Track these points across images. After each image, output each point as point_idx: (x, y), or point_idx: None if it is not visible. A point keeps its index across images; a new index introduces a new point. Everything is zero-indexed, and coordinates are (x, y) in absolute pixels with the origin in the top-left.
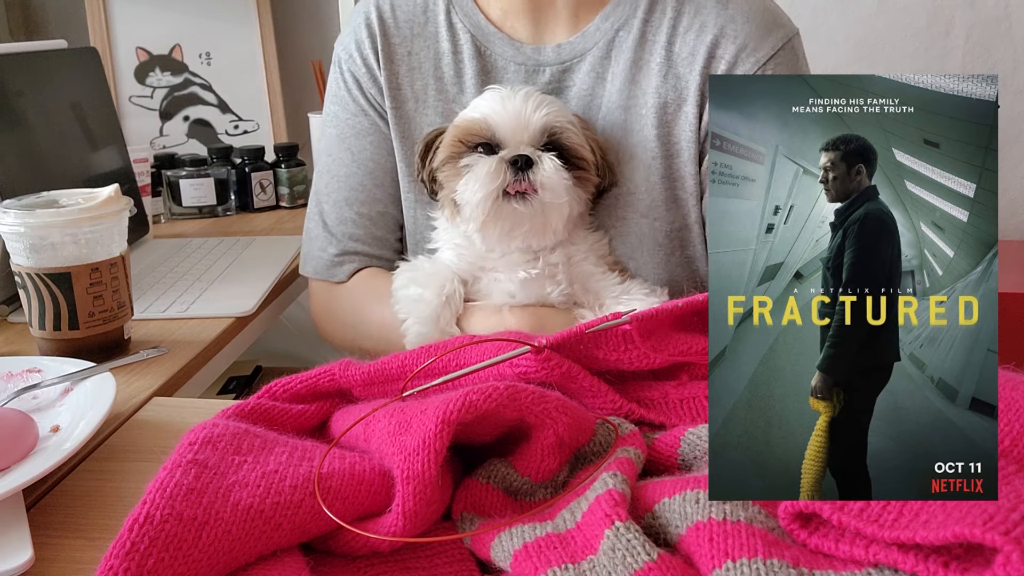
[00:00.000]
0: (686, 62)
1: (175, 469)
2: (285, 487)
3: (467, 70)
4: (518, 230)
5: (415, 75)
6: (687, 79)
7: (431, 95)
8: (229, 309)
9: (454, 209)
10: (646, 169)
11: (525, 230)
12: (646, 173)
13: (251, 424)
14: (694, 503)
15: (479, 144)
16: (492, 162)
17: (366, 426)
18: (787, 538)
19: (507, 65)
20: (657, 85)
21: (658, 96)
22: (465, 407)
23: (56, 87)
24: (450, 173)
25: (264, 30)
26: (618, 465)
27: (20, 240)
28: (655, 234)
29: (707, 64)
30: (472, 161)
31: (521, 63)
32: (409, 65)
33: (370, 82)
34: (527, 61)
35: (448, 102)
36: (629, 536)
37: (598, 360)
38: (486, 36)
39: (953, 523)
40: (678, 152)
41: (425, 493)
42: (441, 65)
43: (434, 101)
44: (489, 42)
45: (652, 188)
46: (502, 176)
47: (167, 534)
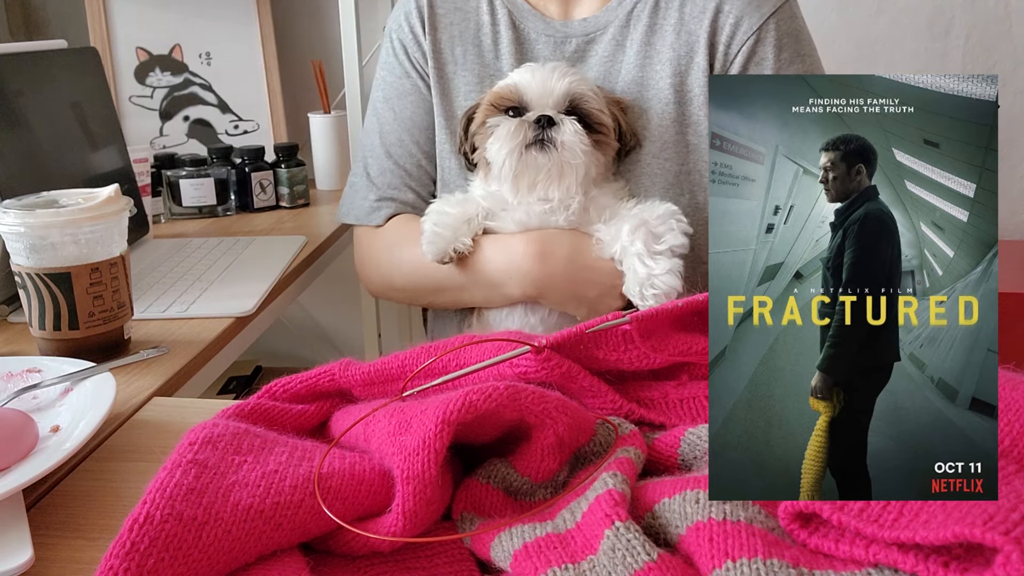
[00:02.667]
0: (696, 19)
1: (175, 469)
2: (285, 487)
3: (503, 40)
4: (540, 180)
5: (455, 42)
6: (697, 34)
7: (470, 59)
8: (229, 309)
9: (487, 168)
10: (659, 115)
11: (543, 179)
12: (659, 119)
13: (251, 424)
14: (694, 503)
15: (509, 108)
16: (516, 121)
17: (366, 426)
18: (787, 538)
19: (538, 37)
20: (672, 42)
21: (672, 51)
22: (465, 407)
23: (56, 87)
24: (483, 136)
25: (264, 30)
26: (618, 465)
27: (20, 240)
28: (665, 174)
29: (715, 18)
30: (500, 122)
31: (550, 35)
32: (451, 34)
33: (415, 47)
34: (555, 34)
35: (485, 66)
36: (629, 536)
37: (598, 360)
38: (520, 12)
39: (953, 523)
40: (691, 99)
41: (425, 493)
42: (480, 35)
43: (472, 64)
44: (523, 17)
45: (664, 131)
46: (523, 133)
47: (167, 534)
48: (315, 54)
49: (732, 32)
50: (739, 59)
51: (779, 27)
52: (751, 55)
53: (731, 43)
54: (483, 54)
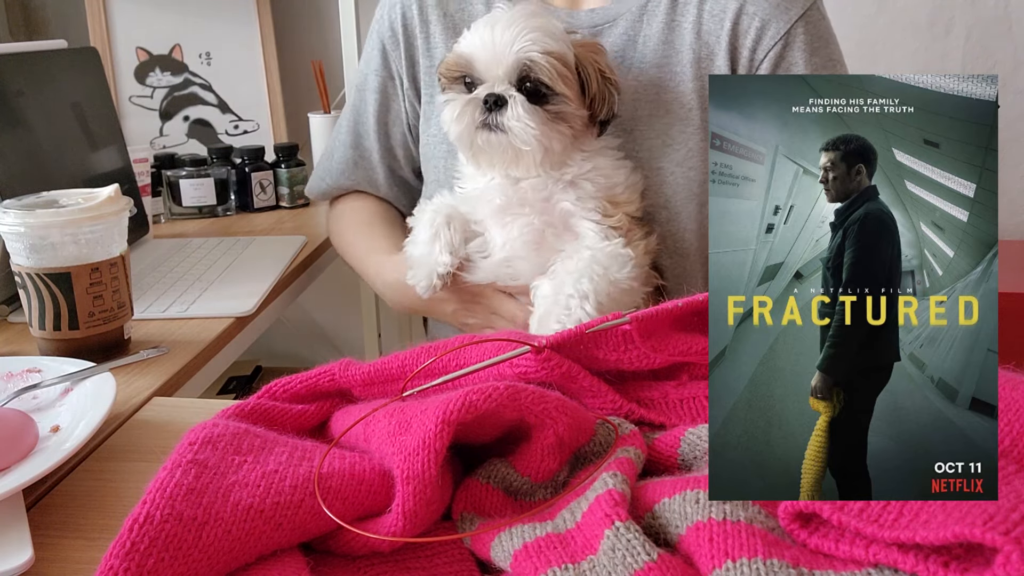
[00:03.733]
0: (717, 19)
1: (175, 469)
2: (285, 487)
3: None
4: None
5: (449, 35)
6: (718, 35)
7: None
8: (229, 309)
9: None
10: (682, 121)
11: (498, 160)
12: (682, 125)
13: (251, 424)
14: (694, 503)
15: (463, 77)
16: (463, 101)
17: (366, 426)
18: (787, 538)
19: None
20: (691, 42)
21: (692, 52)
22: (465, 407)
23: (56, 87)
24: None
25: (264, 30)
26: (618, 465)
27: (20, 240)
28: (690, 184)
29: (737, 20)
30: (453, 97)
31: None
32: (444, 25)
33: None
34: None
35: None
36: (629, 536)
37: (598, 360)
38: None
39: (953, 523)
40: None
41: (425, 493)
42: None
43: None
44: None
45: (688, 138)
46: (470, 115)
47: (167, 534)
48: (315, 54)
49: (758, 36)
50: (766, 65)
51: (808, 30)
52: (779, 60)
53: (757, 48)
54: None
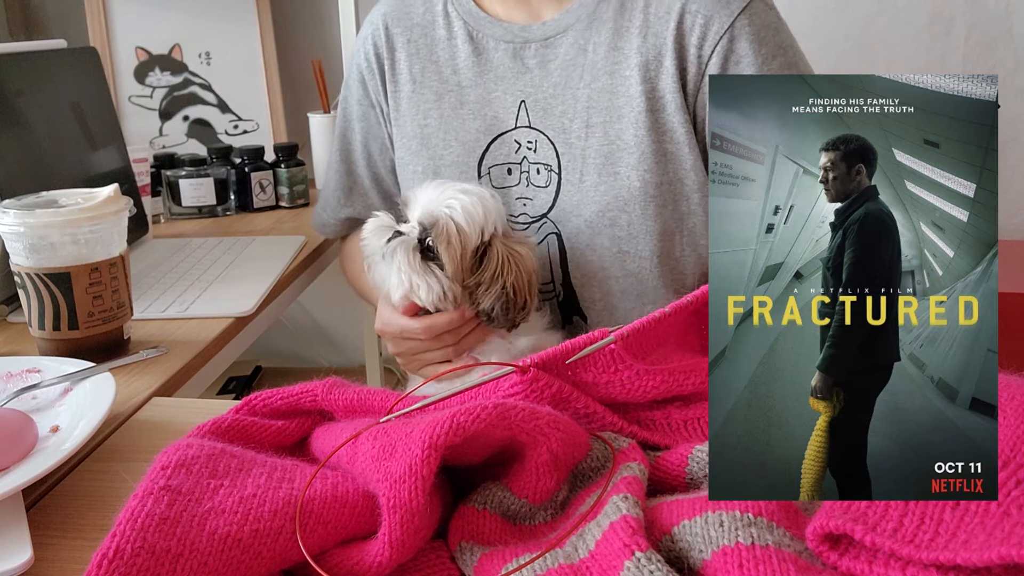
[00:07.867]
0: (662, 21)
1: (146, 497)
2: (264, 512)
3: (460, 53)
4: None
5: (413, 60)
6: (664, 36)
7: (429, 76)
8: (229, 309)
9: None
10: (634, 125)
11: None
12: (634, 129)
13: (228, 443)
14: (718, 526)
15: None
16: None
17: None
18: (817, 561)
19: (496, 45)
20: (638, 46)
21: (640, 55)
22: (453, 429)
23: (56, 87)
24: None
25: (264, 30)
26: (626, 486)
27: (20, 240)
28: (646, 187)
29: (680, 19)
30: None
31: (509, 42)
32: (408, 52)
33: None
34: (514, 39)
35: (443, 82)
36: (652, 568)
37: (588, 386)
38: (477, 22)
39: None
40: (663, 105)
41: (412, 522)
42: (437, 51)
43: (431, 81)
44: (480, 27)
45: (641, 141)
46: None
47: (139, 569)
48: (315, 54)
49: (703, 33)
50: (715, 60)
51: (753, 21)
52: (728, 54)
53: (703, 44)
54: (441, 70)
